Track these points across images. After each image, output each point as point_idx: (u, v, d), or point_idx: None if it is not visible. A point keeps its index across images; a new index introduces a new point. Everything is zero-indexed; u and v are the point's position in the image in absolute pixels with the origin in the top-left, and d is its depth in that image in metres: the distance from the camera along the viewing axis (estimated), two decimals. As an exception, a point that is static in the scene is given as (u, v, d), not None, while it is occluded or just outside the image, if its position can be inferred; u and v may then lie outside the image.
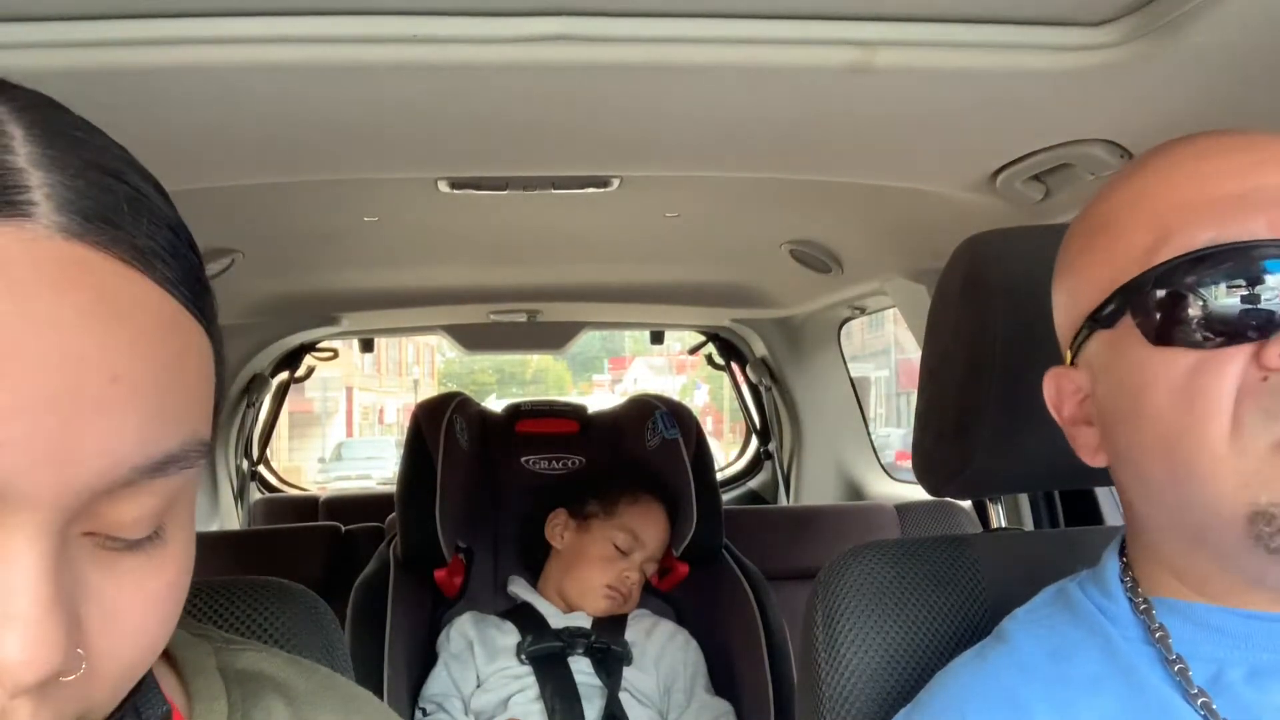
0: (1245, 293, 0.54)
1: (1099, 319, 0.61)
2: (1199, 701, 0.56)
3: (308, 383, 3.07)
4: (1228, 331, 0.55)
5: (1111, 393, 0.61)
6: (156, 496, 0.36)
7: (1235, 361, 0.54)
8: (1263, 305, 0.54)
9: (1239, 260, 0.54)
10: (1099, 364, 0.62)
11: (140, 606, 0.37)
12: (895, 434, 6.97)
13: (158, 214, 0.38)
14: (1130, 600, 0.62)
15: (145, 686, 0.44)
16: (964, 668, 0.66)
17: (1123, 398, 0.60)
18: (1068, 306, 0.65)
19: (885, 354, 11.72)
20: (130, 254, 0.35)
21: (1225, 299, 0.55)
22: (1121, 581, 0.64)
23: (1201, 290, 0.55)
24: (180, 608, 0.40)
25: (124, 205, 0.36)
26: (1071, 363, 0.65)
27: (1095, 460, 0.64)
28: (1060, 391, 0.66)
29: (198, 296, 0.39)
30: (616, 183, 1.34)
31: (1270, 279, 0.54)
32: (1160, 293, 0.56)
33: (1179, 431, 0.56)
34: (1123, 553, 0.66)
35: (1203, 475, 0.55)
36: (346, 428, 19.60)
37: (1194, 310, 0.55)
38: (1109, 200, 0.63)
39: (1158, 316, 0.57)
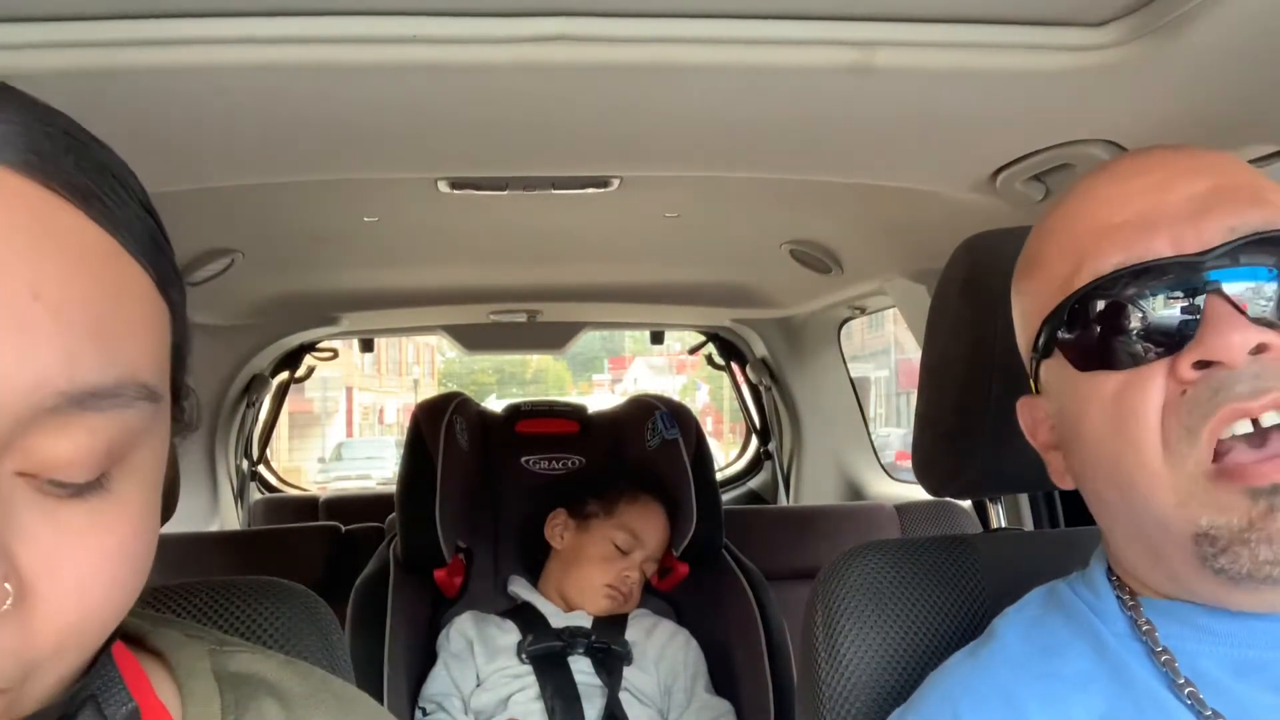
0: (1157, 312, 0.56)
1: (1037, 349, 0.63)
2: (1185, 691, 0.57)
3: (308, 383, 3.07)
4: (1144, 350, 0.56)
5: (1060, 419, 0.63)
6: (93, 435, 0.35)
7: (1155, 379, 0.55)
8: (1172, 321, 0.55)
9: (1145, 280, 0.56)
10: (1050, 391, 0.64)
11: (82, 560, 0.36)
12: (895, 434, 6.98)
13: (105, 167, 0.38)
14: (1118, 597, 0.63)
15: (108, 680, 0.43)
16: (957, 666, 0.66)
17: (1067, 424, 0.61)
18: (1020, 336, 0.67)
19: (885, 354, 11.73)
20: (67, 190, 0.36)
21: (1138, 318, 0.56)
22: (1109, 580, 0.64)
23: (1114, 312, 0.57)
24: (134, 575, 0.39)
25: (63, 151, 0.37)
26: (1036, 391, 0.66)
27: (1064, 483, 0.65)
28: (1034, 418, 0.67)
29: (150, 255, 0.39)
30: (616, 183, 1.34)
31: (1176, 294, 0.55)
32: (1077, 318, 0.58)
33: (1115, 453, 0.57)
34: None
35: (1144, 494, 0.56)
36: (346, 428, 19.58)
37: (1110, 333, 0.57)
38: (1039, 231, 0.65)
39: (1079, 342, 0.58)
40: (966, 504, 2.01)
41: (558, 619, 1.58)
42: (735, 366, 2.91)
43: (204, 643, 0.51)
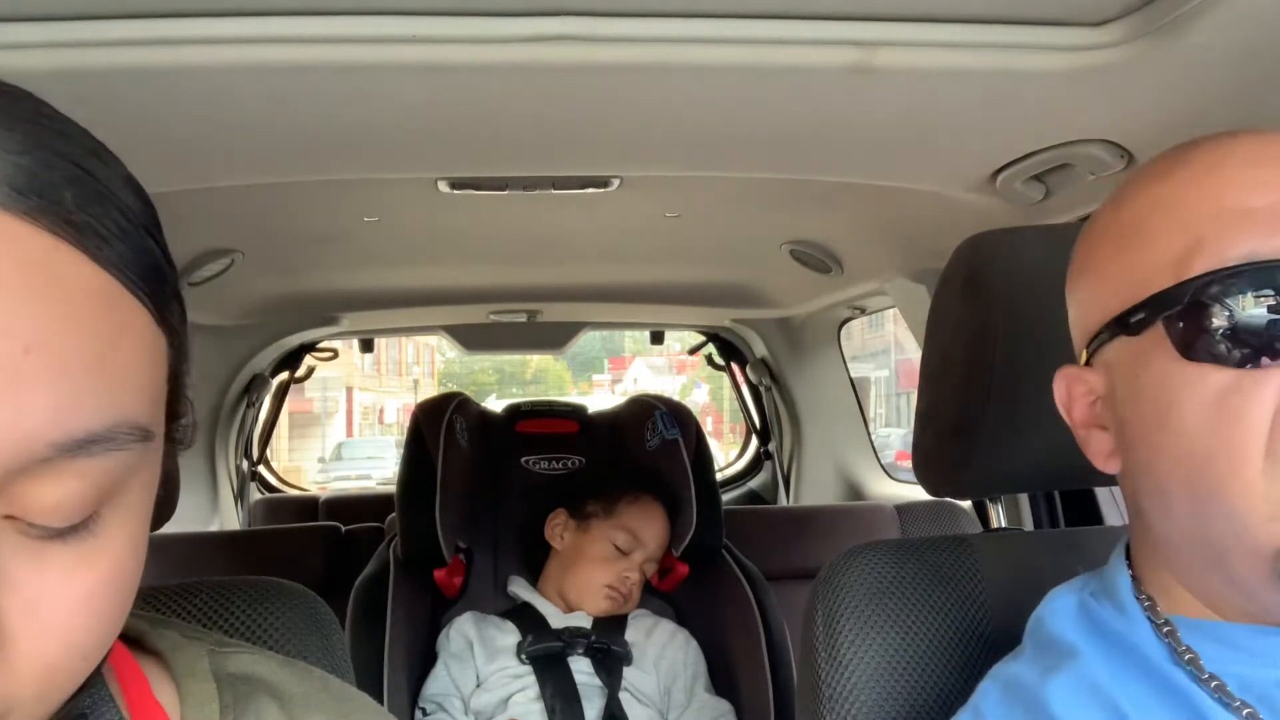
0: None
1: (1126, 325, 0.58)
2: (1244, 713, 0.54)
3: (308, 382, 3.07)
4: (1265, 352, 0.52)
5: (1134, 401, 0.58)
6: (82, 480, 0.35)
7: (1272, 384, 0.52)
8: None
9: (1277, 277, 0.52)
10: (1120, 369, 0.59)
11: (66, 601, 0.36)
12: (895, 434, 6.99)
13: (106, 195, 0.37)
14: (1151, 621, 0.59)
15: (98, 699, 0.43)
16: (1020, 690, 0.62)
17: (1147, 409, 0.57)
18: (1086, 306, 0.62)
19: (885, 354, 11.73)
20: (63, 228, 0.34)
21: (1263, 317, 0.52)
22: (1137, 599, 0.61)
23: (1237, 307, 0.52)
24: (119, 607, 0.38)
25: (63, 182, 0.35)
26: (1086, 363, 0.62)
27: (1108, 466, 0.61)
28: (1071, 392, 0.63)
29: (150, 286, 0.38)
30: (616, 183, 1.34)
31: None
32: (1194, 306, 0.54)
33: (1208, 453, 0.53)
34: (1128, 560, 0.64)
35: (1231, 501, 0.53)
36: (346, 428, 19.60)
37: (1229, 327, 0.53)
38: (1138, 200, 0.60)
39: (1190, 330, 0.54)
40: (966, 504, 2.01)
41: (557, 619, 1.58)
42: (735, 366, 2.91)
43: (203, 643, 0.51)
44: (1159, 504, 0.58)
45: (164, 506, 0.77)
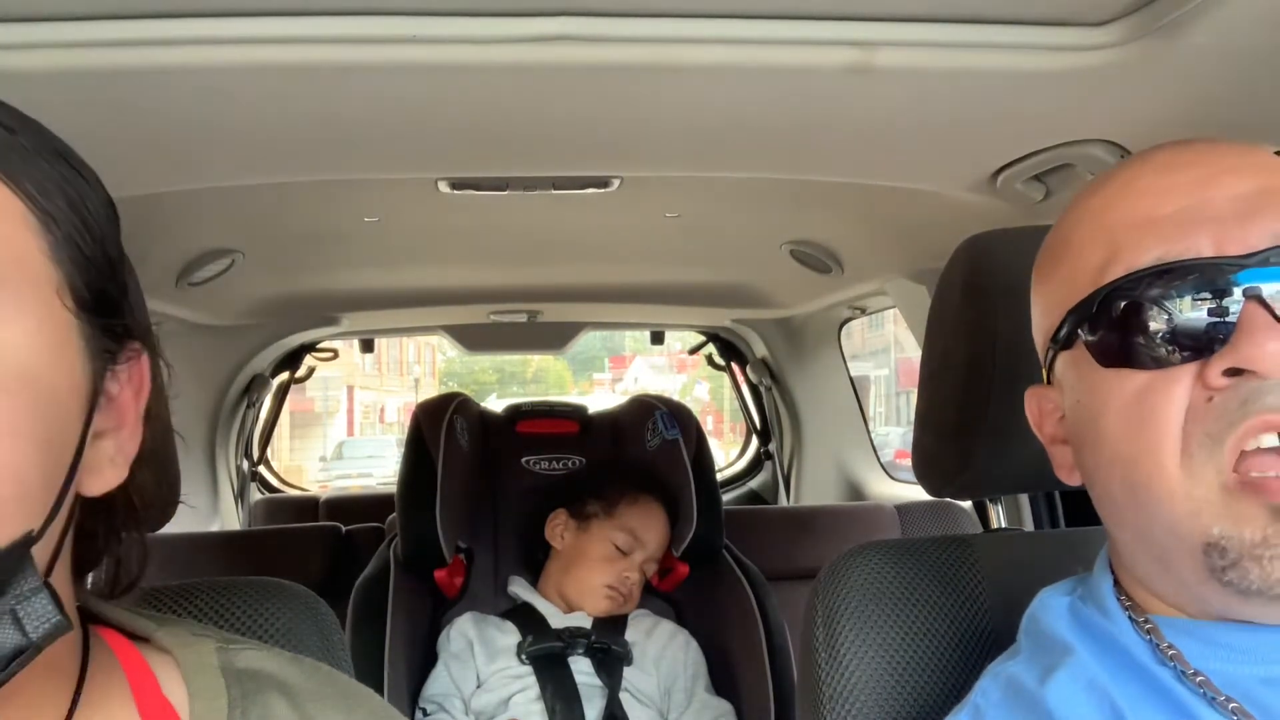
0: (1189, 313, 0.53)
1: (1058, 340, 0.60)
2: (1230, 707, 0.54)
3: (309, 382, 3.07)
4: (1172, 351, 0.54)
5: (1074, 413, 0.60)
6: None
7: (1181, 382, 0.53)
8: (1205, 324, 0.53)
9: (1181, 279, 0.54)
10: (1065, 384, 0.61)
11: None
12: (894, 432, 7.01)
13: None
14: (1132, 620, 0.60)
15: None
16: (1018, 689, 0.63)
17: (1083, 419, 0.59)
18: (1038, 324, 0.65)
19: (885, 353, 11.75)
20: None
21: (1169, 319, 0.54)
22: (1118, 600, 0.62)
23: (1146, 310, 0.54)
24: (44, 431, 0.40)
25: None
26: (1048, 381, 0.64)
27: (1070, 479, 0.63)
28: (1041, 410, 0.65)
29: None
30: (616, 183, 1.34)
31: (1208, 296, 0.53)
32: (1107, 313, 0.56)
33: (1132, 455, 0.55)
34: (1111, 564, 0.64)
35: (1157, 500, 0.54)
36: (348, 427, 19.67)
37: (1139, 330, 0.54)
38: (1069, 217, 0.62)
39: (1106, 337, 0.56)
40: (966, 504, 2.01)
41: (558, 619, 1.58)
42: (735, 366, 2.91)
43: (211, 640, 0.51)
44: (1108, 509, 0.60)
45: (164, 506, 0.77)
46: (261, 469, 3.04)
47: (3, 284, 0.41)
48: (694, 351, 3.07)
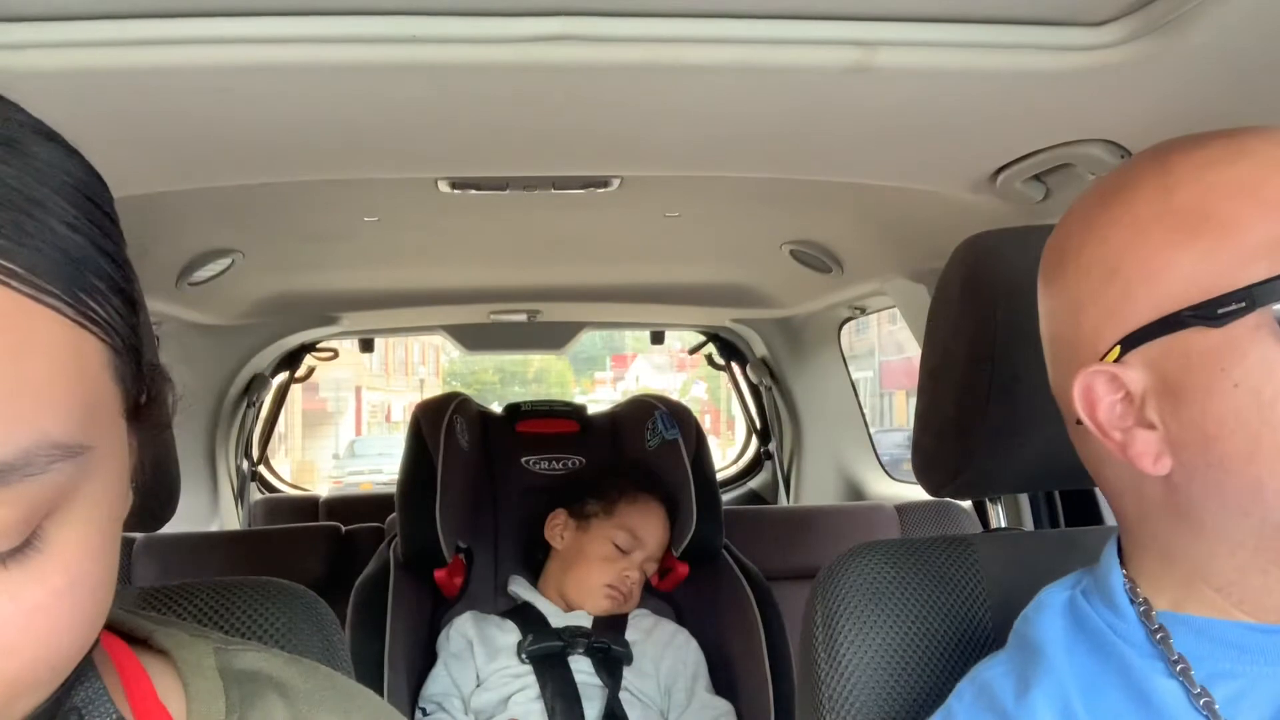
0: None
1: (1207, 317, 0.55)
2: (1212, 707, 0.54)
3: (321, 382, 3.08)
4: None
5: (1219, 395, 0.55)
6: (8, 507, 0.33)
7: None
8: None
9: None
10: (1191, 362, 0.56)
11: (16, 620, 0.34)
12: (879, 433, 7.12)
13: (9, 185, 0.34)
14: (1144, 625, 0.58)
15: (92, 693, 0.43)
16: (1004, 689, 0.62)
17: (1244, 401, 0.54)
18: (1121, 301, 0.59)
19: (869, 356, 11.86)
20: None
21: None
22: (1131, 601, 0.60)
23: None
24: (83, 614, 0.37)
25: None
26: (1115, 360, 0.59)
27: (1156, 467, 0.58)
28: (1096, 393, 0.60)
29: (65, 283, 0.34)
30: (616, 183, 1.34)
31: None
32: None
33: None
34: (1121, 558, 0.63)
35: None
36: (355, 426, 19.97)
37: None
38: (1210, 185, 0.57)
39: None
40: (966, 504, 2.01)
41: (558, 619, 1.58)
42: (735, 366, 2.91)
43: (209, 641, 0.51)
44: (1245, 500, 0.55)
45: (164, 506, 0.77)
46: (261, 469, 3.05)
47: (94, 470, 0.36)
48: (694, 351, 3.07)
